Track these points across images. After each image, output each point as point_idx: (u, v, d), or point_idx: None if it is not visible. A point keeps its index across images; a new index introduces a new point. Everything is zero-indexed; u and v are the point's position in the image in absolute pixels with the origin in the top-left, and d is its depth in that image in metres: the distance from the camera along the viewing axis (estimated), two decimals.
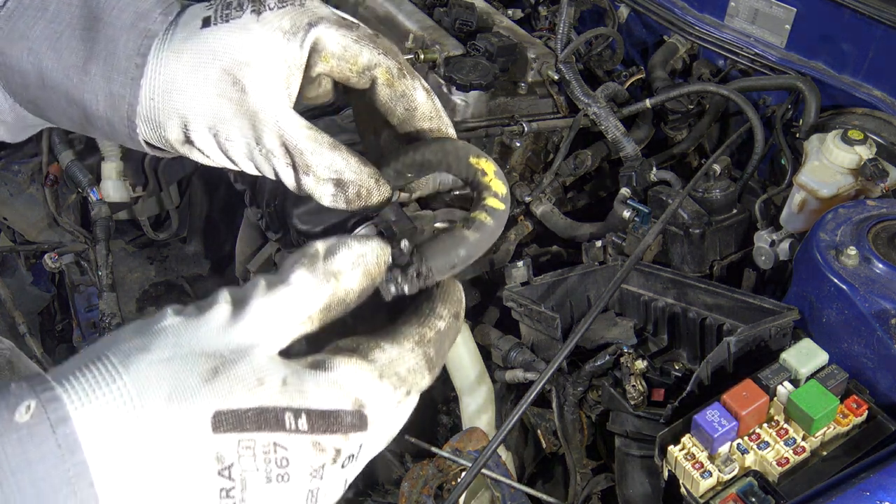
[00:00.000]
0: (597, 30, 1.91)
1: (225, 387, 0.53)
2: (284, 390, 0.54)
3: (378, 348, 0.59)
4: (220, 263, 2.65)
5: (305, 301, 0.58)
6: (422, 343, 0.61)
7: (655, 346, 1.43)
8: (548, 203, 1.81)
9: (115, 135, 0.73)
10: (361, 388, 0.57)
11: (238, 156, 0.70)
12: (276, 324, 0.57)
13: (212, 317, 0.56)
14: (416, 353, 0.60)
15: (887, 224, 1.26)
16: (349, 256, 0.60)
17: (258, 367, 0.54)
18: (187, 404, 0.52)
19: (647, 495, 1.30)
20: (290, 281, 0.58)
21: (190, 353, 0.54)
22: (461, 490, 1.12)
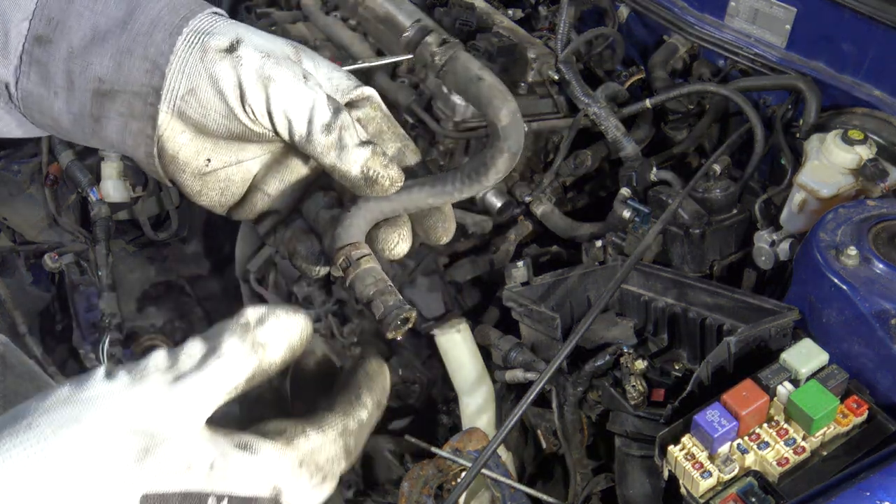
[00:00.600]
0: (597, 30, 1.91)
1: (154, 469, 0.54)
2: (210, 475, 0.56)
3: (303, 435, 0.61)
4: (220, 263, 2.66)
5: (234, 372, 0.59)
6: (344, 433, 0.63)
7: (655, 346, 1.43)
8: (548, 203, 1.81)
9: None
10: (281, 475, 0.59)
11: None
12: (206, 395, 0.58)
13: (144, 387, 0.56)
14: (336, 443, 0.62)
15: (887, 224, 1.26)
16: (277, 327, 0.61)
17: (188, 448, 0.56)
18: (116, 485, 0.53)
19: (647, 495, 1.30)
20: (222, 352, 0.59)
21: (122, 428, 0.54)
22: (461, 490, 1.12)
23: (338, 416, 0.64)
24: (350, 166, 0.70)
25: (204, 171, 0.76)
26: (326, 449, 0.62)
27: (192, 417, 0.57)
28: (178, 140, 0.73)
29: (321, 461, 0.61)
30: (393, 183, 0.71)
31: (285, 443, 0.60)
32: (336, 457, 0.62)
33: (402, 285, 1.83)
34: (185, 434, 0.56)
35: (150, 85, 0.71)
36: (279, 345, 0.61)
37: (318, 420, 0.63)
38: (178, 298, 2.62)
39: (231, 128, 0.72)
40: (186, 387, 0.57)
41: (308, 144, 0.70)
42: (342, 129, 0.70)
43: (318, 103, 0.69)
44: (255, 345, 0.60)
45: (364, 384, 0.66)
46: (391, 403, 1.87)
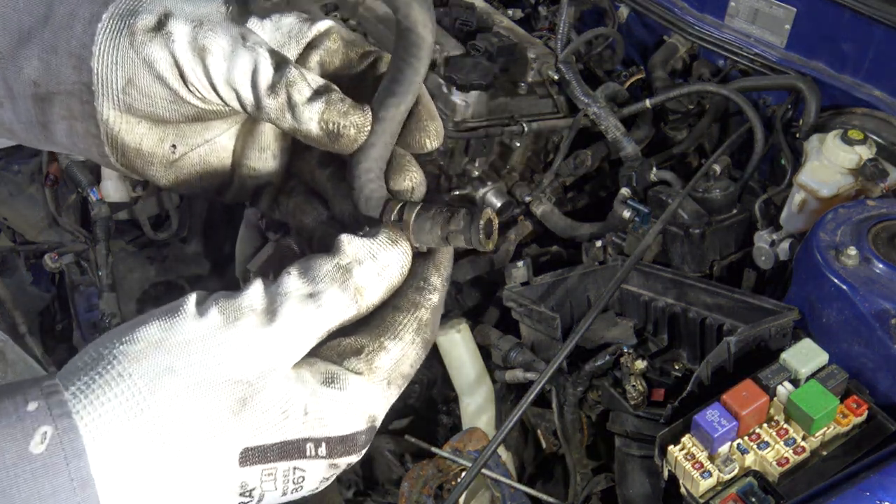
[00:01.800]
0: (597, 30, 1.91)
1: (252, 422, 0.53)
2: (306, 420, 0.55)
3: (382, 350, 0.59)
4: (220, 263, 2.65)
5: (332, 321, 0.58)
6: (420, 329, 0.61)
7: (655, 346, 1.43)
8: (548, 203, 1.81)
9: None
10: (374, 403, 0.58)
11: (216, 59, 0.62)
12: (301, 342, 0.56)
13: (238, 331, 0.54)
14: (416, 343, 0.60)
15: (887, 224, 1.26)
16: (374, 269, 0.59)
17: (282, 395, 0.55)
18: (216, 442, 0.52)
19: (647, 495, 1.30)
20: (322, 301, 0.57)
21: (218, 378, 0.53)
22: (461, 490, 1.12)
23: (409, 312, 0.60)
24: (308, 125, 0.63)
25: (172, 158, 0.70)
26: (408, 356, 0.60)
27: (285, 363, 0.55)
28: (136, 132, 0.67)
29: (406, 370, 0.60)
30: (360, 129, 0.63)
31: (368, 366, 0.58)
32: (419, 357, 0.61)
33: None
34: (278, 381, 0.54)
35: (80, 82, 0.64)
36: (379, 288, 0.59)
37: (390, 325, 0.60)
38: (179, 298, 2.62)
39: (183, 111, 0.66)
40: (282, 334, 0.55)
41: (260, 112, 0.63)
42: (288, 87, 0.62)
43: (259, 64, 0.62)
44: (356, 293, 0.58)
45: (432, 263, 0.62)
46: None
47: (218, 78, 0.62)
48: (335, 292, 0.57)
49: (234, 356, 0.53)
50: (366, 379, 0.58)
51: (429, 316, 0.61)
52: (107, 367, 0.51)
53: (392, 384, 0.59)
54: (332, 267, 0.58)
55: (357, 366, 0.58)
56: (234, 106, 0.64)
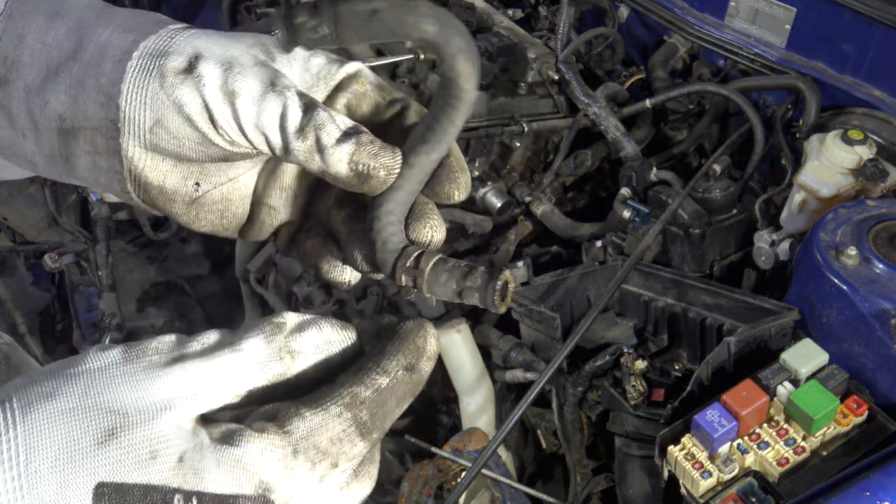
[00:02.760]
0: (597, 30, 1.91)
1: (114, 455, 0.48)
2: (178, 468, 0.49)
3: (297, 416, 0.51)
4: (220, 263, 2.66)
5: (250, 374, 0.52)
6: (353, 405, 0.53)
7: (655, 346, 1.43)
8: (548, 203, 1.81)
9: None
10: (269, 468, 0.50)
11: (245, 102, 0.63)
12: (207, 388, 0.51)
13: (133, 367, 0.51)
14: (342, 417, 0.52)
15: (887, 224, 1.26)
16: (316, 339, 0.55)
17: (158, 436, 0.49)
18: (72, 471, 0.47)
19: (647, 495, 1.30)
20: (241, 347, 0.52)
21: (94, 405, 0.49)
22: (461, 490, 1.12)
23: (345, 386, 0.54)
24: (337, 167, 0.62)
25: (195, 196, 0.69)
26: (329, 427, 0.52)
27: (183, 407, 0.50)
28: (160, 169, 0.67)
29: (322, 443, 0.51)
30: (389, 171, 0.62)
31: (276, 428, 0.51)
32: (344, 434, 0.52)
33: None
34: (161, 421, 0.49)
35: (107, 118, 0.64)
36: (312, 356, 0.55)
37: (318, 396, 0.53)
38: (178, 298, 2.62)
39: (210, 152, 0.66)
40: (184, 373, 0.51)
41: (289, 155, 0.63)
42: (317, 129, 0.62)
43: (288, 108, 0.62)
44: (283, 350, 0.53)
45: (391, 344, 0.56)
46: None
47: (247, 122, 0.62)
48: (257, 342, 0.53)
49: (120, 388, 0.50)
50: (266, 439, 0.50)
51: (368, 395, 0.53)
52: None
53: (301, 455, 0.51)
54: (265, 322, 0.54)
55: (263, 426, 0.51)
56: (263, 149, 0.64)
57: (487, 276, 0.59)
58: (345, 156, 0.61)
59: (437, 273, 0.60)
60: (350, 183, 0.63)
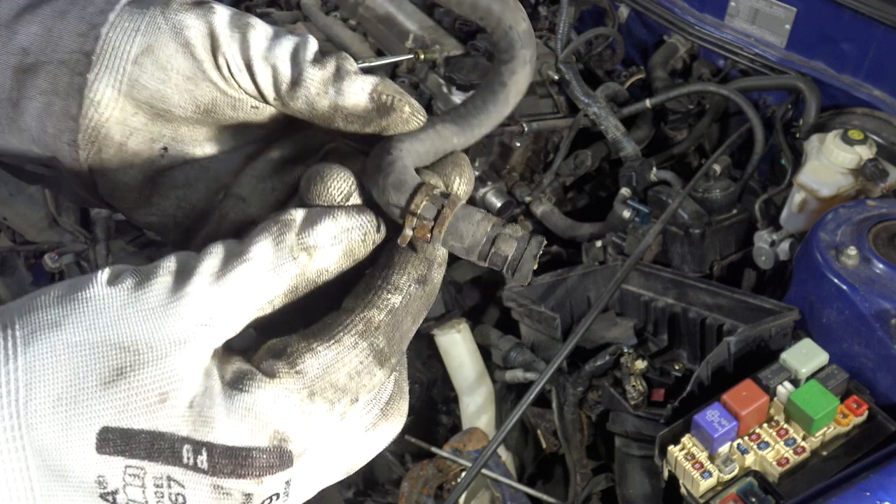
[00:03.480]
0: (597, 30, 1.91)
1: (122, 397, 0.44)
2: (188, 414, 0.44)
3: (309, 352, 0.46)
4: None
5: (265, 283, 0.47)
6: (367, 332, 0.47)
7: (655, 346, 1.43)
8: (548, 203, 1.81)
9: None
10: (284, 416, 0.45)
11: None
12: (223, 313, 0.46)
13: (143, 294, 0.45)
14: (358, 348, 0.47)
15: (887, 224, 1.26)
16: (331, 229, 0.48)
17: (169, 376, 0.44)
18: (75, 412, 0.43)
19: (647, 495, 1.30)
20: (250, 255, 0.47)
21: (103, 340, 0.44)
22: (461, 490, 1.12)
23: (354, 312, 0.48)
24: (357, 96, 0.53)
25: (158, 164, 0.58)
26: (345, 361, 0.47)
27: (199, 339, 0.45)
28: (128, 123, 0.56)
29: (340, 380, 0.46)
30: (416, 110, 0.54)
31: (288, 370, 0.46)
32: (362, 366, 0.47)
33: None
34: (172, 359, 0.44)
35: (80, 51, 0.54)
36: (334, 250, 0.48)
37: (327, 324, 0.48)
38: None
39: (197, 94, 0.56)
40: (195, 297, 0.45)
41: (297, 89, 0.53)
42: (339, 60, 0.54)
43: (307, 43, 0.54)
44: (296, 248, 0.47)
45: (393, 258, 0.50)
46: None
47: (256, 51, 0.54)
48: (266, 246, 0.47)
49: (129, 320, 0.45)
50: (279, 384, 0.45)
51: (382, 318, 0.48)
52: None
53: (317, 396, 0.46)
54: (269, 220, 0.48)
55: (273, 367, 0.46)
56: (265, 87, 0.55)
57: (528, 235, 0.49)
58: (368, 85, 0.53)
59: (470, 211, 0.49)
60: (366, 118, 0.54)
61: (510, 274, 0.49)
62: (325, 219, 0.48)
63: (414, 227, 0.49)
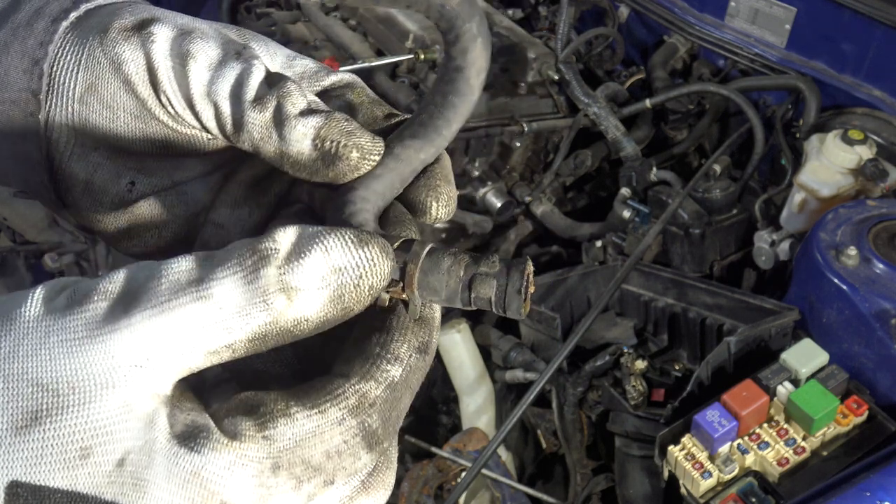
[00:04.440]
0: (597, 30, 1.91)
1: (35, 447, 0.37)
2: (116, 475, 0.37)
3: (284, 417, 0.39)
4: None
5: (224, 328, 0.38)
6: (360, 409, 0.40)
7: (655, 346, 1.43)
8: (548, 203, 1.81)
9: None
10: (236, 486, 0.38)
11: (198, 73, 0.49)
12: (163, 354, 0.38)
13: (74, 320, 0.38)
14: (344, 425, 0.39)
15: (887, 224, 1.26)
16: (320, 267, 0.39)
17: (93, 425, 0.37)
18: None
19: (647, 495, 1.30)
20: (210, 293, 0.38)
21: (20, 374, 0.38)
22: (461, 490, 1.12)
23: (348, 381, 0.40)
24: (299, 144, 0.47)
25: (128, 199, 0.54)
26: (326, 437, 0.39)
27: (132, 380, 0.38)
28: (89, 160, 0.52)
29: (315, 458, 0.39)
30: (364, 154, 0.48)
31: (254, 433, 0.38)
32: (346, 447, 0.39)
33: None
34: (101, 404, 0.37)
35: (28, 89, 0.51)
36: (319, 296, 0.39)
37: (312, 389, 0.40)
38: None
39: (148, 131, 0.52)
40: (132, 331, 0.37)
41: (242, 132, 0.48)
42: (280, 98, 0.48)
43: (248, 74, 0.49)
44: (272, 290, 0.38)
45: (392, 322, 0.42)
46: None
47: (197, 88, 0.49)
48: (231, 284, 0.38)
49: (52, 351, 0.38)
50: (239, 449, 0.38)
51: (380, 394, 0.40)
52: None
53: (283, 471, 0.38)
54: (246, 246, 0.40)
55: (238, 426, 0.38)
56: (211, 127, 0.50)
57: (507, 267, 0.43)
58: (310, 130, 0.47)
59: (436, 259, 0.43)
60: (312, 168, 0.48)
61: (500, 311, 0.43)
62: (316, 251, 0.39)
63: (388, 291, 0.43)
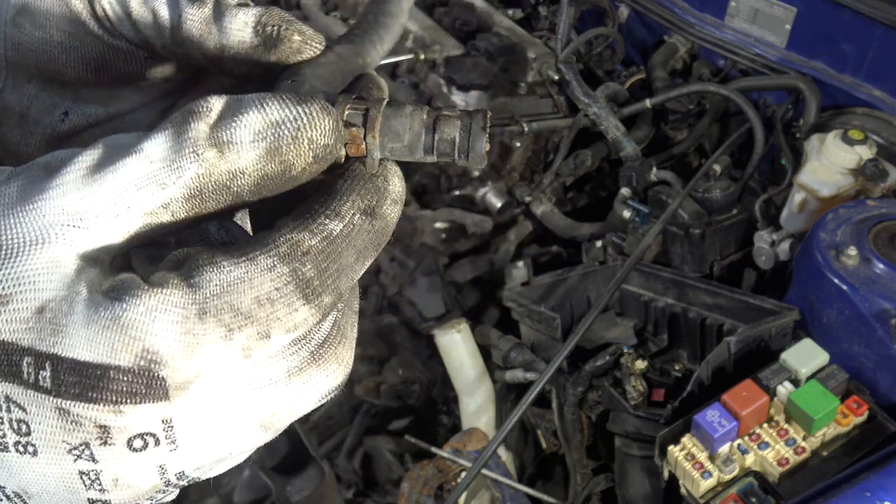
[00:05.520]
0: (597, 30, 1.91)
1: None
2: (35, 321, 0.36)
3: (210, 265, 0.37)
4: None
5: (156, 181, 0.38)
6: (291, 256, 0.38)
7: (655, 346, 1.43)
8: (548, 203, 1.81)
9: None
10: (160, 333, 0.36)
11: None
12: (97, 212, 0.37)
13: (8, 187, 0.38)
14: (275, 272, 0.37)
15: (887, 224, 1.26)
16: (256, 122, 0.38)
17: (15, 276, 0.36)
18: None
19: (647, 495, 1.30)
20: (140, 147, 0.38)
21: None
22: (461, 490, 1.12)
23: (280, 232, 0.39)
24: (240, 33, 0.47)
25: (61, 130, 0.53)
26: (254, 283, 0.37)
27: (63, 238, 0.37)
28: (25, 91, 0.52)
29: (244, 304, 0.37)
30: (307, 39, 0.47)
31: (178, 281, 0.37)
32: (278, 294, 0.37)
33: (402, 285, 1.83)
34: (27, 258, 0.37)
35: None
36: (254, 148, 0.38)
37: (244, 242, 0.39)
38: None
39: (83, 50, 0.50)
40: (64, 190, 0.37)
41: (180, 32, 0.47)
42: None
43: None
44: (201, 142, 0.38)
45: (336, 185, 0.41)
46: (391, 403, 1.89)
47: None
48: (161, 140, 0.38)
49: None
50: (160, 294, 0.36)
51: (314, 243, 0.39)
52: None
53: (210, 317, 0.36)
54: (182, 110, 0.39)
55: (163, 278, 0.37)
56: (149, 34, 0.49)
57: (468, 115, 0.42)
58: (250, 18, 0.47)
59: (398, 105, 0.42)
60: (254, 53, 0.47)
61: (463, 158, 0.42)
62: (251, 109, 0.38)
63: (346, 141, 0.41)
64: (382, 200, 0.42)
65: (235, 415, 0.38)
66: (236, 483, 1.52)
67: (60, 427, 0.37)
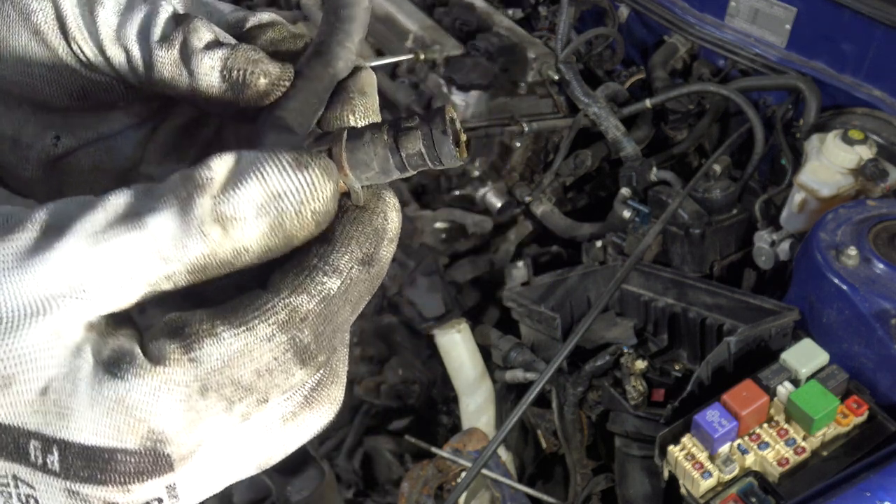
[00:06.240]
0: (597, 30, 1.91)
1: None
2: (40, 403, 0.36)
3: (210, 337, 0.37)
4: None
5: (162, 258, 0.37)
6: (290, 324, 0.38)
7: (655, 346, 1.43)
8: (548, 203, 1.81)
9: None
10: (164, 412, 0.36)
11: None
12: (99, 282, 0.37)
13: (10, 246, 0.37)
14: (274, 342, 0.38)
15: (887, 224, 1.26)
16: (257, 194, 0.37)
17: (16, 353, 0.36)
18: None
19: (647, 495, 1.30)
20: (145, 223, 0.37)
21: None
22: (461, 490, 1.12)
23: (277, 294, 0.38)
24: (208, 77, 0.46)
25: (54, 153, 0.53)
26: (255, 356, 0.37)
27: (65, 309, 0.36)
28: (13, 116, 0.52)
29: (245, 377, 0.37)
30: (274, 81, 0.47)
31: (178, 355, 0.37)
32: (276, 364, 0.38)
33: (402, 285, 1.83)
34: (28, 332, 0.36)
35: None
36: (257, 225, 0.38)
37: (242, 308, 0.38)
38: None
39: (64, 82, 0.51)
40: (67, 260, 0.36)
41: (153, 74, 0.48)
42: (186, 34, 0.47)
43: (156, 15, 0.48)
44: (208, 221, 0.37)
45: (334, 231, 0.40)
46: (391, 403, 1.89)
47: (106, 33, 0.48)
48: (167, 216, 0.37)
49: None
50: (164, 373, 0.36)
51: (312, 307, 0.38)
52: None
53: (212, 393, 0.37)
54: (184, 176, 0.38)
55: (163, 350, 0.37)
56: (124, 72, 0.49)
57: (427, 123, 0.41)
58: (216, 62, 0.46)
59: (357, 134, 0.41)
60: (222, 98, 0.47)
61: (437, 163, 0.41)
62: (252, 178, 0.38)
63: None
64: (380, 244, 0.41)
65: (234, 464, 0.40)
66: (236, 483, 1.52)
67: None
